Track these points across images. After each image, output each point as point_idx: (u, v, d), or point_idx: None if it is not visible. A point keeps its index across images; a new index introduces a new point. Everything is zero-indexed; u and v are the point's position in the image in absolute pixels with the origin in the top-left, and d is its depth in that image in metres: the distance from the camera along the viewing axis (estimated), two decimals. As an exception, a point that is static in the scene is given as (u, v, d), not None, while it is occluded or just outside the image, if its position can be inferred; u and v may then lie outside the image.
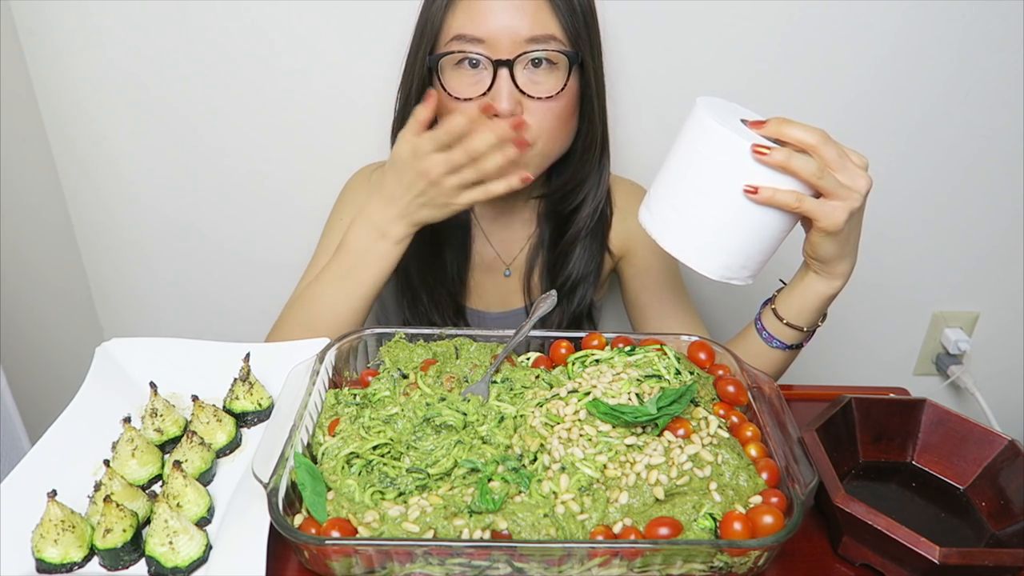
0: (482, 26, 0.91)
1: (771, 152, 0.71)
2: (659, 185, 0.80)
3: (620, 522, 0.64)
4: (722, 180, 0.74)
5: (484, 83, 0.92)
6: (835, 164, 0.74)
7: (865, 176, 0.76)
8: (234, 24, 1.18)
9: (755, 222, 0.75)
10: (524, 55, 0.91)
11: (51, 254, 1.31)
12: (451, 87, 0.94)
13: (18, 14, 1.16)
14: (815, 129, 0.74)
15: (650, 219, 0.80)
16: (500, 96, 0.91)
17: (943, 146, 1.34)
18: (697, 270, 0.78)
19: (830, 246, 0.79)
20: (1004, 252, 1.46)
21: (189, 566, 0.63)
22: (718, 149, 0.73)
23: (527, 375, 0.79)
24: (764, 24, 1.21)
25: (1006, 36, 1.25)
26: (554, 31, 0.92)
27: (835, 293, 0.86)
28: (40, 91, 1.22)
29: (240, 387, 0.80)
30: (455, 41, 0.93)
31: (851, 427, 0.79)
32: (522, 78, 0.92)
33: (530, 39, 0.91)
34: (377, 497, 0.67)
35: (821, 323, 0.91)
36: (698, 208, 0.76)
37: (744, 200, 0.73)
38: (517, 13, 0.91)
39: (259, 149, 1.28)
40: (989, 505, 0.74)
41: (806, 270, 0.86)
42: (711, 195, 0.75)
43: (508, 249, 1.13)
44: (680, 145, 0.78)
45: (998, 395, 1.56)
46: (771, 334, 0.90)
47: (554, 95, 0.94)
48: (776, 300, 0.90)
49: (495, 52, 0.91)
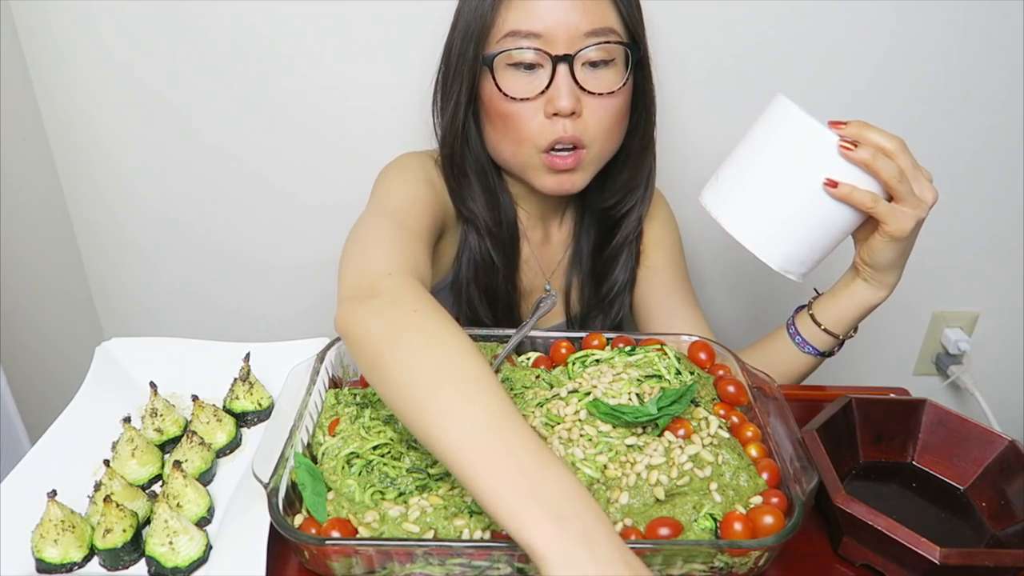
0: (538, 21, 0.86)
1: (857, 149, 0.72)
2: (731, 169, 0.80)
3: (620, 522, 0.64)
4: (803, 170, 0.74)
5: (542, 80, 0.88)
6: (910, 173, 0.75)
7: (933, 190, 0.77)
8: (235, 24, 1.18)
9: (825, 217, 0.76)
10: (584, 50, 0.87)
11: (51, 254, 1.31)
12: (507, 87, 0.89)
13: (18, 14, 1.16)
14: (895, 136, 0.75)
15: (715, 201, 0.79)
16: (560, 93, 0.87)
17: (943, 146, 1.34)
18: (759, 256, 0.78)
19: (890, 253, 0.80)
20: (1004, 252, 1.46)
21: (189, 566, 0.63)
22: (804, 140, 0.74)
23: (527, 375, 0.79)
24: (764, 24, 1.21)
25: (1006, 36, 1.25)
26: (612, 23, 0.89)
27: (878, 303, 0.86)
28: (40, 91, 1.22)
29: (240, 387, 0.80)
30: (508, 38, 0.87)
31: (851, 427, 0.79)
32: (581, 74, 0.88)
33: (589, 32, 0.87)
34: (377, 497, 0.67)
35: (853, 334, 0.91)
36: (772, 195, 0.76)
37: (821, 193, 0.74)
38: (574, 6, 0.86)
39: (260, 149, 1.28)
40: (989, 505, 0.74)
41: (854, 276, 0.86)
42: (789, 183, 0.75)
43: (548, 263, 1.10)
44: (761, 133, 0.78)
45: (998, 395, 1.56)
46: (805, 339, 0.90)
47: (615, 90, 0.90)
48: (814, 306, 0.90)
49: (553, 47, 0.87)
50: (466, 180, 0.98)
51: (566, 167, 0.91)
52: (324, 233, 1.32)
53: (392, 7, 1.15)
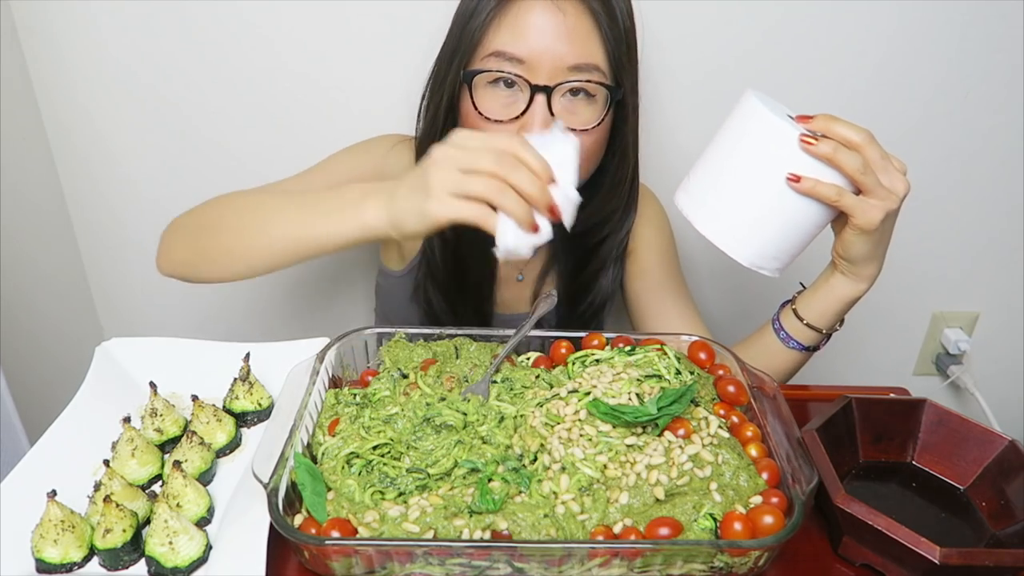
0: (524, 46, 0.86)
1: (818, 143, 0.72)
2: (700, 168, 0.80)
3: (620, 522, 0.64)
4: (766, 166, 0.75)
5: (518, 106, 0.88)
6: (877, 164, 0.75)
7: (904, 181, 0.77)
8: (235, 24, 1.18)
9: (793, 212, 0.76)
10: (564, 83, 0.87)
11: (51, 254, 1.31)
12: (483, 106, 0.89)
13: (18, 14, 1.16)
14: (862, 128, 0.75)
15: (687, 201, 0.80)
16: (534, 123, 0.87)
17: (943, 146, 1.34)
18: (729, 254, 0.78)
19: (862, 245, 0.80)
20: (1004, 252, 1.46)
21: (189, 566, 0.63)
22: (766, 136, 0.74)
23: (527, 375, 0.79)
24: (764, 24, 1.21)
25: (1006, 36, 1.25)
26: (598, 61, 0.88)
27: (859, 296, 0.86)
28: (40, 91, 1.22)
29: (240, 387, 0.80)
30: (493, 58, 0.87)
31: (851, 427, 0.79)
32: (557, 106, 0.88)
33: (573, 67, 0.86)
34: (377, 497, 0.67)
35: (839, 327, 0.91)
36: (739, 193, 0.77)
37: (785, 189, 0.74)
38: (564, 37, 0.86)
39: (259, 149, 1.28)
40: (989, 505, 0.74)
41: (832, 271, 0.86)
42: (754, 180, 0.76)
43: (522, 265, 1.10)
44: (727, 131, 0.78)
45: (998, 395, 1.56)
46: (789, 334, 0.90)
47: (589, 129, 0.90)
48: (797, 300, 0.90)
49: (535, 76, 0.86)
50: None
51: None
52: (324, 233, 1.32)
53: (393, 8, 1.15)
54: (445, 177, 0.68)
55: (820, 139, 0.73)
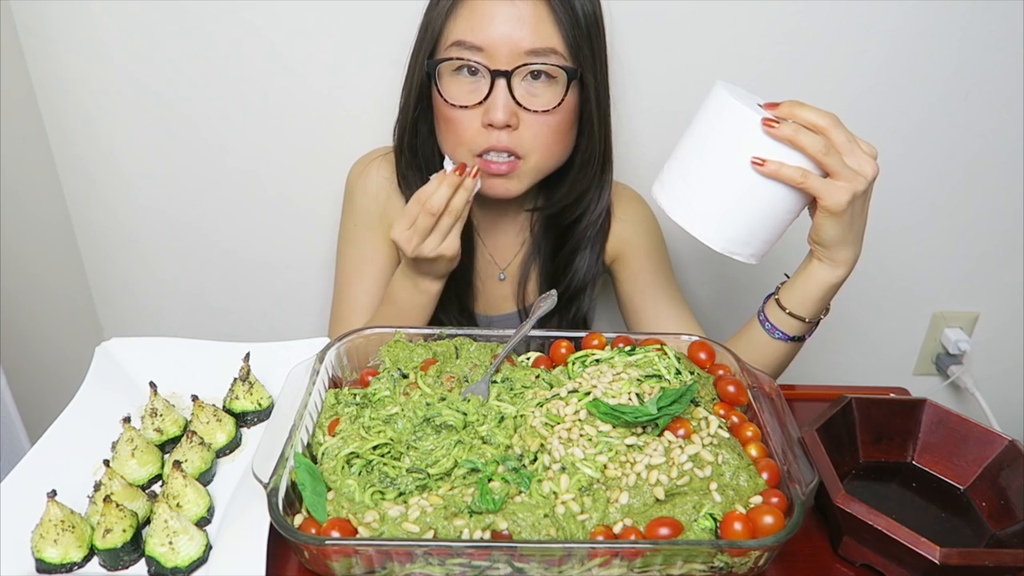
0: (482, 34, 0.90)
1: (780, 126, 0.74)
2: (673, 159, 0.82)
3: (620, 522, 0.64)
4: (732, 152, 0.76)
5: (481, 91, 0.92)
6: (843, 147, 0.76)
7: (872, 163, 0.77)
8: (234, 24, 1.18)
9: (762, 197, 0.77)
10: (522, 67, 0.91)
11: (51, 254, 1.31)
12: (448, 94, 0.94)
13: (18, 14, 1.16)
14: (826, 113, 0.76)
15: (661, 191, 0.83)
16: (496, 107, 0.91)
17: (943, 146, 1.34)
18: (701, 240, 0.80)
19: (832, 228, 0.80)
20: (1004, 252, 1.46)
21: (189, 566, 0.63)
22: (731, 122, 0.76)
23: (527, 375, 0.79)
24: (764, 24, 1.21)
25: (1006, 36, 1.25)
26: (555, 44, 0.92)
27: (838, 282, 0.86)
28: (40, 91, 1.22)
29: (240, 387, 0.81)
30: (454, 47, 0.92)
31: (851, 427, 0.79)
32: (519, 90, 0.92)
33: (530, 51, 0.91)
34: (377, 497, 0.67)
35: (824, 315, 0.91)
36: (708, 179, 0.78)
37: (752, 173, 0.75)
38: (519, 23, 0.90)
39: (259, 149, 1.28)
40: (989, 505, 0.74)
41: (810, 258, 0.87)
42: (721, 166, 0.77)
43: (502, 255, 1.13)
44: (696, 121, 0.80)
45: (998, 395, 1.56)
46: (774, 325, 0.91)
47: (550, 109, 0.93)
48: (780, 290, 0.91)
49: (494, 61, 0.91)
50: (413, 172, 1.05)
51: (499, 172, 0.96)
52: (324, 233, 1.32)
53: (392, 9, 1.15)
54: (426, 245, 0.90)
55: (782, 121, 0.74)
